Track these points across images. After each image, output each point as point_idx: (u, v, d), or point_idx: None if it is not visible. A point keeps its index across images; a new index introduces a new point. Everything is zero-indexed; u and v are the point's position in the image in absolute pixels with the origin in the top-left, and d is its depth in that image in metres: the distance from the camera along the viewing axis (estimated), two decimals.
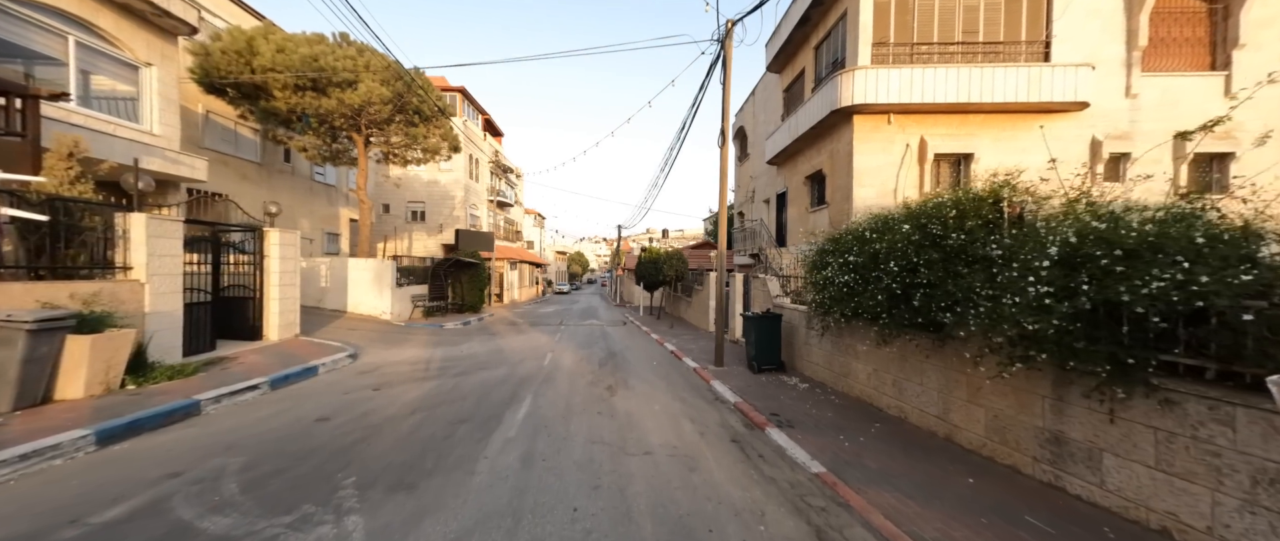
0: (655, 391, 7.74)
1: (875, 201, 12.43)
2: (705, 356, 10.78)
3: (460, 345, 12.15)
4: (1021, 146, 12.31)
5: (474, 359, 10.20)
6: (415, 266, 18.71)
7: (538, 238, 57.14)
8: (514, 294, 34.60)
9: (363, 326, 13.52)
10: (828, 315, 6.97)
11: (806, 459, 4.66)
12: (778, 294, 10.20)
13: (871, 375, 6.48)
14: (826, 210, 13.97)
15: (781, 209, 18.69)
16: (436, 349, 11.39)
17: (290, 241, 10.23)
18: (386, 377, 8.15)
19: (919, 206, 5.09)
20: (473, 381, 8.08)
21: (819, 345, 7.97)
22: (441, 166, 30.34)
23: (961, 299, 4.25)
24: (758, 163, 21.13)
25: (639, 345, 13.19)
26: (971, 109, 12.10)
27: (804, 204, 15.69)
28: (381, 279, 15.17)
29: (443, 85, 29.96)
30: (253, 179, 17.42)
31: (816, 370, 8.12)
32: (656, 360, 10.74)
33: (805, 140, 14.99)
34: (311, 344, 9.96)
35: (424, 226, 30.24)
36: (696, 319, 17.82)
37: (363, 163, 16.27)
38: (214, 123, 15.91)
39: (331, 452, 4.71)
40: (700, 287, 17.42)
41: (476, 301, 21.02)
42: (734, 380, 8.22)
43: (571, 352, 11.50)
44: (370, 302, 15.15)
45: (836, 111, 12.46)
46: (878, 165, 12.43)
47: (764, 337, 8.68)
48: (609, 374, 9.04)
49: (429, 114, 16.85)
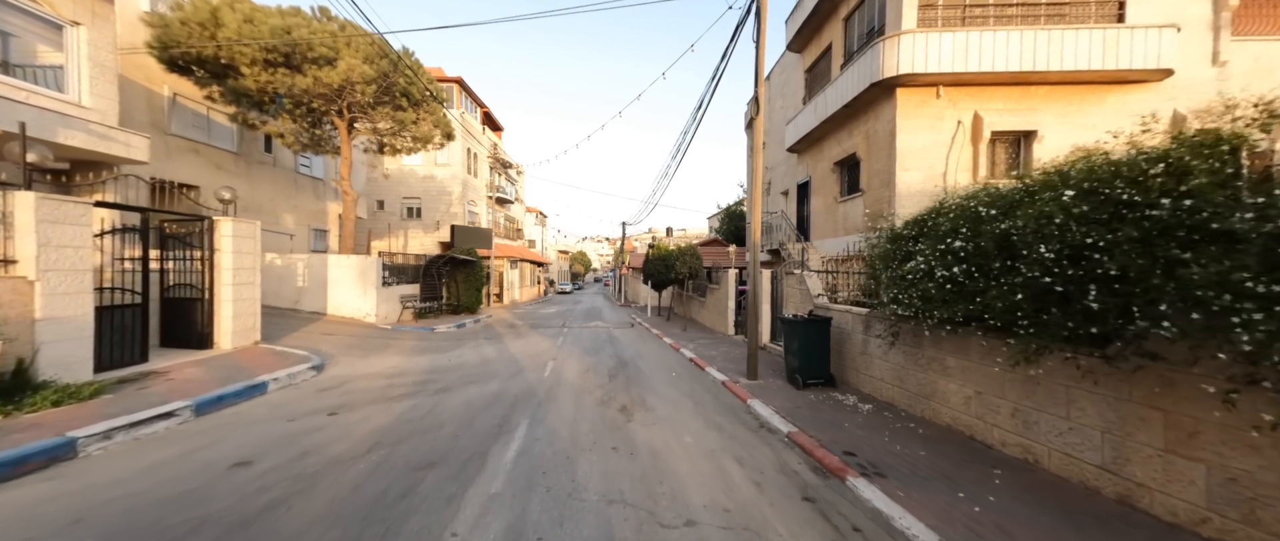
0: (681, 414, 6.18)
1: (922, 187, 10.85)
2: (732, 365, 9.22)
3: (449, 352, 10.61)
4: (1090, 122, 10.70)
5: (462, 370, 8.66)
6: (405, 265, 17.19)
7: (540, 236, 55.66)
8: (514, 294, 33.10)
9: (341, 330, 11.99)
10: (910, 320, 5.42)
11: (931, 538, 3.10)
12: (818, 292, 8.63)
13: (973, 400, 4.90)
14: (861, 198, 12.39)
15: (803, 200, 17.11)
16: (421, 357, 9.85)
17: (248, 233, 8.71)
18: (351, 396, 6.61)
19: (1091, 164, 3.51)
20: (456, 401, 6.54)
21: (884, 356, 6.40)
22: (438, 161, 28.87)
23: (1186, 299, 2.68)
24: (774, 151, 19.55)
25: (652, 351, 11.63)
26: (1034, 79, 10.51)
27: (831, 193, 14.11)
28: (365, 278, 13.65)
29: (439, 75, 28.48)
30: (228, 169, 15.92)
31: (880, 387, 6.55)
32: (675, 370, 9.19)
33: (834, 122, 13.41)
34: (271, 353, 8.44)
35: (420, 223, 28.75)
36: (711, 320, 16.26)
37: (346, 150, 14.75)
38: (183, 107, 14.42)
39: (227, 527, 3.17)
40: (715, 286, 15.86)
41: (473, 302, 19.50)
42: (776, 398, 6.65)
43: (576, 361, 9.96)
44: (353, 304, 13.63)
45: (876, 85, 10.88)
46: (924, 145, 10.85)
47: (809, 346, 7.12)
48: (622, 389, 7.50)
49: (418, 97, 15.32)
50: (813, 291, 8.62)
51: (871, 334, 6.69)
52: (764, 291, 11.27)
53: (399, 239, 28.51)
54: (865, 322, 6.84)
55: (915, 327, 5.61)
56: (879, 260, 5.68)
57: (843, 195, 13.63)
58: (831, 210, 14.16)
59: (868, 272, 6.28)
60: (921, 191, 10.79)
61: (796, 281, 9.33)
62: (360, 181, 23.48)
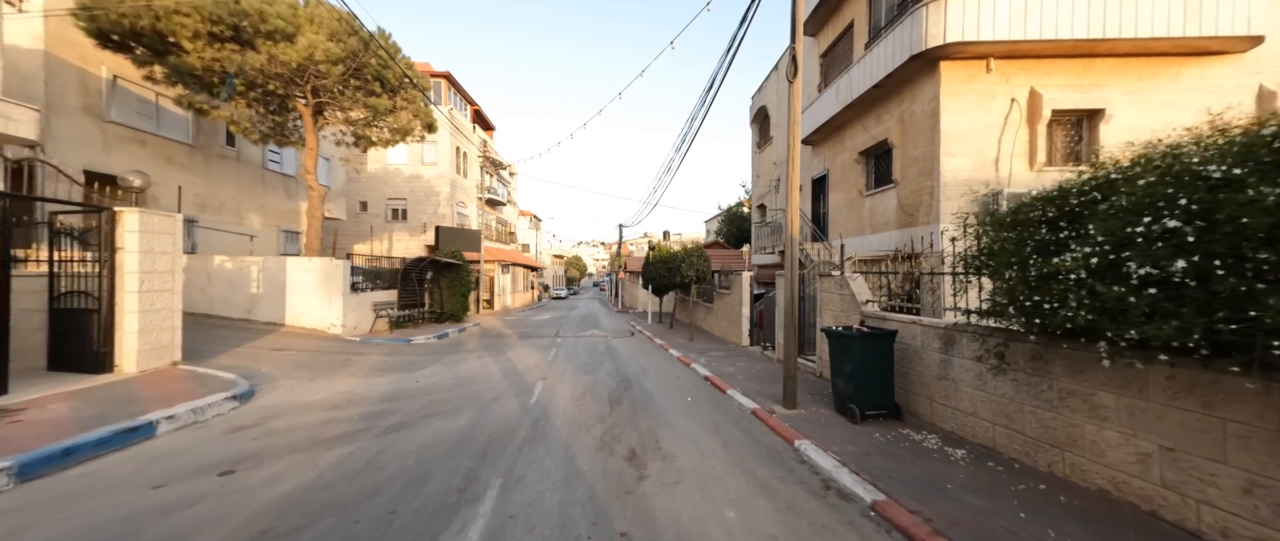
0: (710, 463, 4.54)
1: (971, 175, 9.31)
2: (758, 387, 7.59)
3: (420, 370, 8.92)
4: (1163, 99, 9.23)
5: (430, 395, 6.97)
6: (381, 268, 15.47)
7: (534, 240, 53.96)
8: (506, 299, 31.36)
9: (296, 345, 10.26)
10: (1027, 338, 3.83)
11: None
12: (866, 298, 7.02)
13: (1156, 459, 3.29)
14: (893, 191, 10.85)
15: (819, 196, 15.58)
16: (383, 377, 8.15)
17: (162, 228, 7.01)
18: (268, 440, 4.92)
19: None
20: (409, 445, 4.87)
21: (980, 384, 4.80)
22: (425, 159, 27.19)
23: None
24: (783, 146, 18.04)
25: (658, 367, 9.98)
26: (1100, 50, 9.02)
27: (855, 187, 12.58)
28: (330, 283, 11.93)
29: (426, 70, 26.85)
30: (181, 163, 14.18)
31: (970, 424, 4.94)
32: (690, 392, 7.55)
33: (860, 106, 11.89)
34: (188, 378, 6.72)
35: (406, 225, 27.01)
36: (721, 329, 14.63)
37: (311, 140, 13.06)
38: (125, 91, 12.69)
39: None
40: (725, 291, 14.24)
41: (458, 308, 17.77)
42: (832, 438, 5.03)
43: (569, 381, 8.29)
44: (316, 313, 11.90)
45: (917, 58, 9.36)
46: (973, 127, 9.33)
47: (868, 366, 5.51)
48: (627, 421, 5.85)
49: (395, 83, 13.66)
50: (859, 297, 7.01)
51: (955, 353, 5.08)
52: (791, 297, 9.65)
53: (383, 242, 26.74)
54: (944, 339, 5.23)
55: (1039, 349, 4.02)
56: (989, 255, 4.08)
57: (869, 188, 12.08)
58: (855, 206, 12.62)
59: (958, 272, 4.69)
60: (970, 180, 9.27)
61: (835, 285, 7.73)
62: (339, 180, 21.77)
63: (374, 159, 27.17)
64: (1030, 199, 3.88)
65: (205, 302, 11.86)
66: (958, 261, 4.85)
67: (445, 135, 26.93)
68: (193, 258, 12.16)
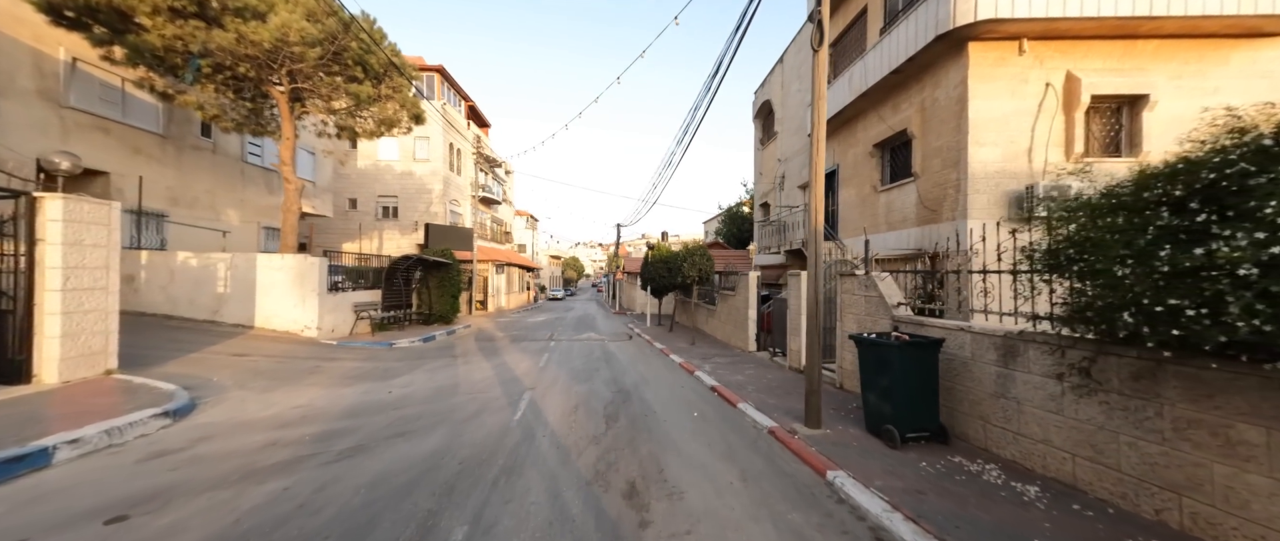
0: (728, 504, 3.67)
1: (1002, 166, 8.49)
2: (772, 399, 6.72)
3: (395, 378, 8.01)
4: (1211, 85, 8.42)
5: (400, 410, 6.08)
6: (364, 267, 14.55)
7: (530, 240, 53.05)
8: (500, 300, 30.44)
9: (264, 349, 9.33)
10: (1124, 352, 3.01)
11: None
12: (897, 301, 6.17)
13: None
14: (912, 185, 10.02)
15: (828, 193, 14.73)
16: (351, 387, 7.24)
17: (95, 218, 6.10)
18: (190, 469, 4.04)
19: None
20: (360, 477, 3.98)
21: (1055, 406, 3.94)
22: (417, 156, 26.29)
23: None
24: (789, 141, 17.23)
25: (659, 374, 9.11)
26: (1143, 30, 8.22)
27: (870, 181, 11.75)
28: (304, 281, 11.00)
29: (419, 64, 25.96)
30: (151, 154, 13.25)
31: (1036, 452, 4.09)
32: (697, 406, 6.67)
33: (875, 95, 11.08)
34: (120, 389, 5.82)
35: (397, 224, 26.10)
36: (725, 333, 13.76)
37: (288, 128, 12.15)
38: (87, 75, 11.75)
39: None
40: (729, 293, 13.38)
41: (448, 310, 16.86)
42: (872, 470, 4.17)
43: (561, 392, 7.41)
44: (289, 314, 10.97)
45: (942, 38, 8.54)
46: (1004, 114, 8.51)
47: (908, 381, 4.66)
48: (625, 445, 4.97)
49: (379, 71, 12.77)
50: (889, 299, 6.15)
51: (1018, 367, 4.23)
52: (803, 300, 8.81)
53: (373, 241, 25.82)
54: (1004, 350, 4.38)
55: (1147, 365, 3.18)
56: (1082, 247, 3.22)
57: (885, 183, 11.26)
58: (868, 202, 11.79)
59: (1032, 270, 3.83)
60: (1001, 172, 8.45)
61: (859, 286, 6.87)
62: (325, 175, 20.84)
63: (364, 154, 26.26)
64: (1141, 175, 3.04)
65: (166, 303, 10.93)
66: (1021, 258, 4.00)
67: (438, 131, 26.04)
68: (154, 254, 11.22)
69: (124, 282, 11.19)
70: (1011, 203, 8.36)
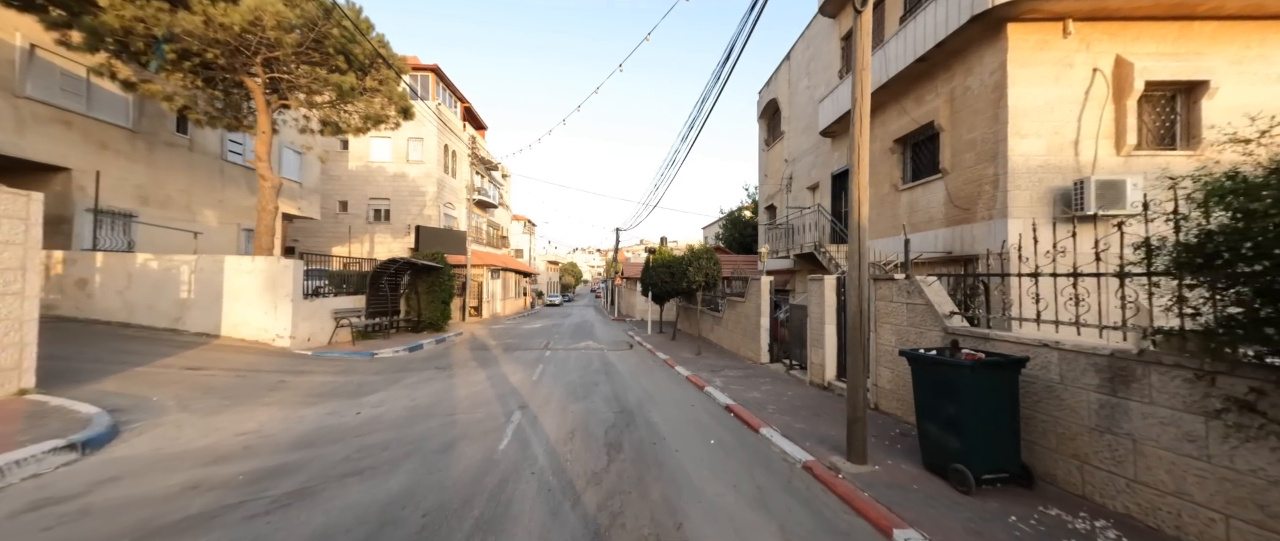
0: None
1: (1046, 159, 7.61)
2: (797, 421, 5.79)
3: (367, 396, 7.05)
4: (1276, 72, 7.61)
5: (363, 437, 5.13)
6: (347, 271, 13.59)
7: (527, 245, 52.14)
8: (496, 306, 29.47)
9: (224, 361, 8.36)
10: None
11: None
12: (949, 311, 5.26)
13: None
14: (939, 182, 9.16)
15: (840, 193, 13.90)
16: (314, 407, 6.29)
17: (10, 211, 5.16)
18: (71, 528, 3.09)
19: None
20: (291, 539, 3.04)
21: (1192, 448, 3.02)
22: (410, 157, 25.42)
23: None
24: (797, 140, 16.42)
25: (666, 391, 8.17)
26: (1201, 10, 7.39)
27: (888, 180, 10.90)
28: (276, 286, 10.02)
29: (414, 63, 25.16)
30: (119, 150, 12.31)
31: (1169, 508, 3.16)
32: (712, 431, 5.74)
33: (896, 87, 10.25)
34: (26, 414, 4.85)
35: (389, 227, 25.16)
36: (733, 342, 12.82)
37: (263, 120, 11.24)
38: (46, 63, 10.83)
39: None
40: (737, 300, 12.46)
41: (438, 317, 15.89)
42: (954, 529, 3.24)
43: (556, 412, 6.47)
44: (258, 322, 9.98)
45: (978, 19, 7.69)
46: (1047, 103, 7.66)
47: (983, 411, 3.75)
48: (632, 485, 4.04)
49: (364, 61, 11.90)
50: (939, 307, 5.25)
51: (1134, 395, 3.32)
52: (826, 307, 7.90)
53: (364, 244, 24.86)
54: (1111, 372, 3.47)
55: None
56: (1260, 239, 2.34)
57: (907, 181, 10.41)
58: (887, 202, 10.93)
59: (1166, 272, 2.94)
60: (1045, 166, 7.59)
61: (898, 292, 5.97)
62: (313, 176, 19.91)
63: (355, 155, 25.37)
64: None
65: (123, 310, 9.94)
66: (1136, 256, 3.11)
67: (432, 131, 25.20)
68: (111, 256, 10.24)
69: (76, 287, 10.22)
70: (1056, 200, 7.50)
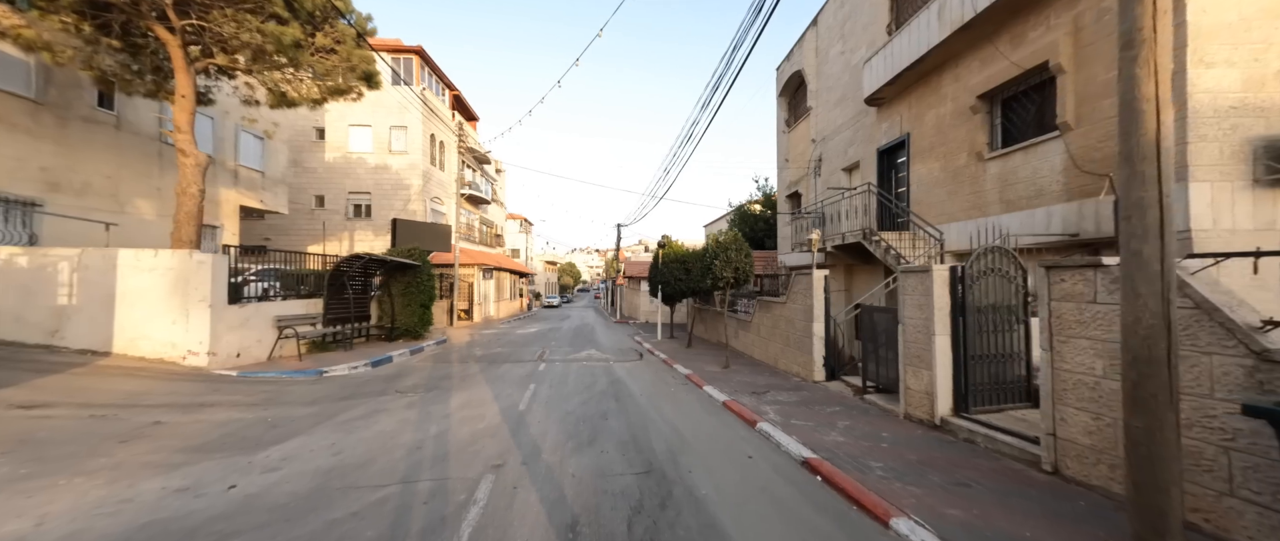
0: None
1: (1243, 97, 5.32)
2: (932, 491, 3.47)
3: (274, 447, 4.70)
4: None
5: (232, 528, 2.81)
6: (299, 270, 11.22)
7: (524, 244, 49.78)
8: (488, 309, 27.09)
9: (97, 391, 5.99)
10: None
11: None
12: (1259, 321, 2.94)
13: None
14: (1058, 142, 6.81)
15: (889, 171, 11.58)
16: (171, 474, 3.93)
17: None
18: None
19: None
20: None
21: None
22: (393, 147, 23.05)
23: None
24: (829, 115, 14.12)
25: (703, 428, 5.84)
26: None
27: (967, 148, 8.58)
28: (189, 288, 7.66)
29: (396, 45, 22.84)
30: (18, 125, 9.89)
31: None
32: (805, 517, 3.43)
33: (982, 27, 7.94)
34: None
35: (370, 224, 22.77)
36: (770, 352, 10.45)
37: (183, 81, 8.87)
38: None
39: None
40: (773, 300, 10.11)
41: (414, 322, 13.53)
42: None
43: (547, 476, 4.13)
44: (163, 334, 7.61)
45: None
46: (1242, 17, 5.33)
47: None
48: None
49: (313, 11, 9.54)
50: (1232, 313, 2.92)
51: None
52: (938, 310, 5.53)
53: (342, 242, 22.46)
54: None
55: None
56: None
57: (995, 147, 8.12)
58: (964, 176, 8.64)
59: None
60: (1241, 106, 5.30)
61: (1107, 288, 3.63)
62: (278, 164, 17.52)
63: (333, 145, 22.97)
64: None
65: None
66: None
67: (417, 119, 22.84)
68: None
69: None
70: (1258, 154, 5.23)
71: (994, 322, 5.10)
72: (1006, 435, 4.45)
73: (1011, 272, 5.28)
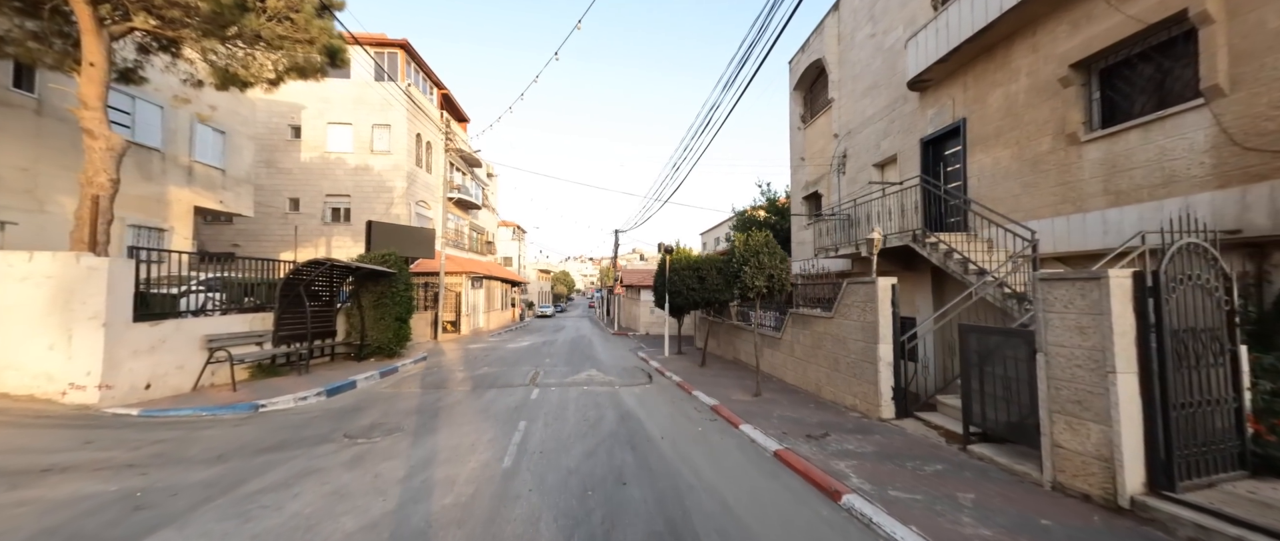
0: None
1: None
2: None
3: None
4: None
5: None
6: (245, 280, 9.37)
7: (517, 252, 47.93)
8: (478, 320, 25.21)
9: None
10: None
11: None
12: None
13: None
14: (1202, 112, 5.11)
15: (936, 162, 10.01)
16: None
17: None
18: None
19: None
20: None
21: None
22: (375, 147, 21.29)
23: None
24: (856, 107, 12.59)
25: (758, 496, 4.12)
26: None
27: (1052, 131, 6.96)
28: (73, 302, 5.84)
29: (380, 40, 21.20)
30: None
31: None
32: None
33: None
34: None
35: (349, 229, 20.91)
36: (809, 377, 8.70)
37: (93, 48, 7.11)
38: None
39: None
40: (818, 314, 8.41)
41: (388, 338, 11.70)
42: None
43: None
44: (39, 361, 5.78)
45: None
46: None
47: None
48: None
49: None
50: None
51: None
52: (1119, 336, 3.85)
53: (319, 248, 20.56)
54: None
55: None
56: None
57: (1095, 128, 6.56)
58: (1047, 165, 7.05)
59: None
60: None
61: None
62: (242, 162, 15.68)
63: (310, 145, 21.13)
64: None
65: None
66: None
67: (401, 117, 21.12)
68: None
69: None
70: None
71: (1195, 354, 3.47)
72: (1264, 536, 2.80)
73: (1210, 281, 3.66)
